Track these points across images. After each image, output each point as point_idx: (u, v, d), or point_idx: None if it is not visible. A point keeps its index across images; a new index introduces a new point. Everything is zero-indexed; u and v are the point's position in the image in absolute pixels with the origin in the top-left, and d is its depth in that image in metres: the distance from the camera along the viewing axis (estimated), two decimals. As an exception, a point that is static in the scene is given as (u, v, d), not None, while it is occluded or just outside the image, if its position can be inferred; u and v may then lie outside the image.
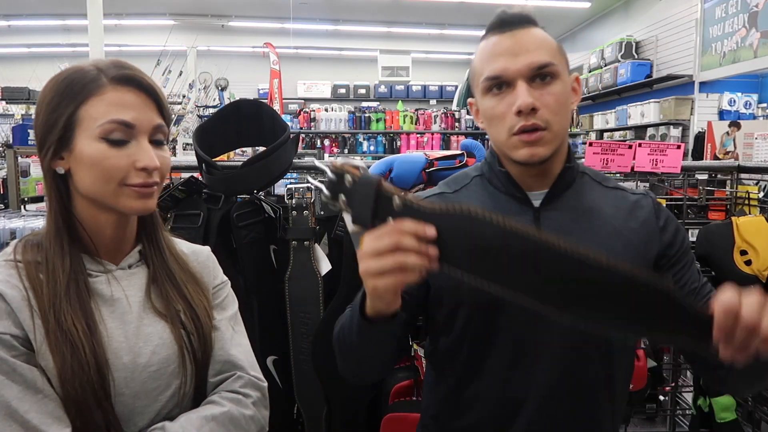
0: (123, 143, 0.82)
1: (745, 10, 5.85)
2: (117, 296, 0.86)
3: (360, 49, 10.84)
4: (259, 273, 1.64)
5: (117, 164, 0.81)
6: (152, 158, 0.83)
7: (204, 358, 0.91)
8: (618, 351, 0.97)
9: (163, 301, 0.90)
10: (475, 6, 8.72)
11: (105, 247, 0.88)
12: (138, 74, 0.85)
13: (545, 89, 0.91)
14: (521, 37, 0.92)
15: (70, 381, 0.77)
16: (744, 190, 2.07)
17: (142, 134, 0.83)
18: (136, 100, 0.83)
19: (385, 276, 0.70)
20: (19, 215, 1.99)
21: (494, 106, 0.93)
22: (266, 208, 1.68)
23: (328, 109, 9.07)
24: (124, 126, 0.82)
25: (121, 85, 0.83)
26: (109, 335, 0.83)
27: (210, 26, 9.91)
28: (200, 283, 0.96)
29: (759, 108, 6.37)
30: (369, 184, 0.73)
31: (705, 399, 1.98)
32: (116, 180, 0.82)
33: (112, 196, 0.83)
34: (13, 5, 9.00)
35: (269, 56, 8.63)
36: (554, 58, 0.92)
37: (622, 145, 1.96)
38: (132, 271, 0.90)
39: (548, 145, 0.92)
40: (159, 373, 0.86)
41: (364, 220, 0.73)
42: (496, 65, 0.92)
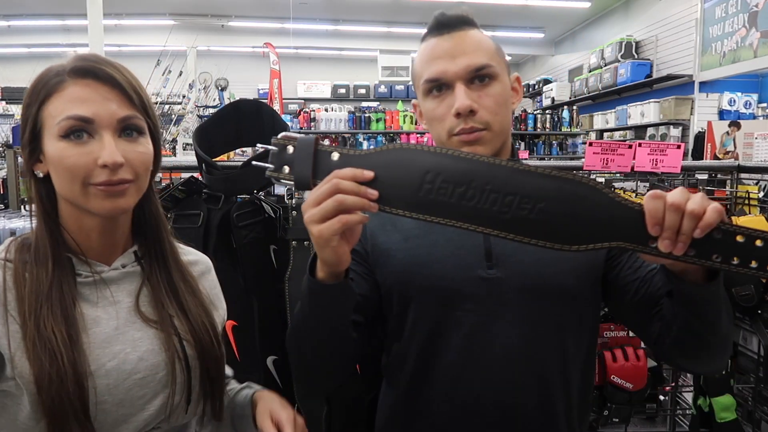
0: (82, 140, 0.77)
1: (745, 10, 5.85)
2: (105, 299, 0.82)
3: (360, 49, 10.84)
4: (259, 273, 1.64)
5: (77, 163, 0.76)
6: (113, 153, 0.76)
7: (203, 370, 0.86)
8: (572, 339, 0.96)
9: (155, 305, 0.85)
10: (475, 5, 8.71)
11: (94, 250, 0.84)
12: (98, 65, 0.79)
13: (484, 90, 0.93)
14: (459, 39, 0.93)
15: (47, 390, 0.72)
16: (744, 189, 2.07)
17: (105, 128, 0.77)
18: (96, 93, 0.78)
19: (327, 220, 0.71)
20: (19, 215, 2.00)
21: (434, 108, 0.95)
22: (266, 208, 1.68)
23: (328, 109, 9.08)
24: (81, 122, 0.76)
25: (79, 78, 0.78)
26: (92, 340, 0.78)
27: (210, 26, 9.91)
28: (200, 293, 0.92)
29: (759, 108, 6.37)
30: (308, 144, 0.74)
31: (705, 399, 1.98)
32: (79, 179, 0.77)
33: (80, 197, 0.78)
34: (13, 5, 9.00)
35: (269, 56, 8.63)
36: (492, 60, 0.93)
37: (622, 145, 1.96)
38: (126, 271, 0.86)
39: (488, 144, 0.93)
40: (146, 381, 0.81)
41: (304, 178, 0.74)
42: (435, 68, 0.93)
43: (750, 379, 2.09)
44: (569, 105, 9.12)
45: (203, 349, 0.86)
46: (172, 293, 0.87)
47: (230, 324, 1.54)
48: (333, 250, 0.74)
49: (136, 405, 0.80)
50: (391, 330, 1.01)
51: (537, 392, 0.94)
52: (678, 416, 2.26)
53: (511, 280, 0.93)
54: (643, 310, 0.94)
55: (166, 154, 5.82)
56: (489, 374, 0.92)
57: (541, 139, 8.54)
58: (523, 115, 8.45)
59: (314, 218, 0.72)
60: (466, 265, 0.93)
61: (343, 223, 0.71)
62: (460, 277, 0.93)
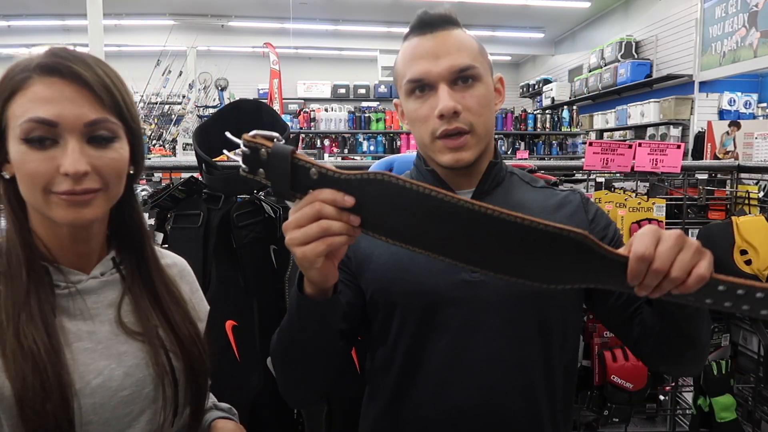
0: (45, 145, 0.70)
1: (745, 10, 5.85)
2: (86, 311, 0.76)
3: (360, 49, 10.84)
4: (259, 273, 1.64)
5: (37, 169, 0.70)
6: (75, 162, 0.69)
7: (190, 383, 0.81)
8: (556, 341, 0.96)
9: (138, 316, 0.80)
10: (475, 6, 8.72)
11: (68, 258, 0.78)
12: (64, 61, 0.72)
13: (467, 92, 0.92)
14: (442, 39, 0.92)
15: (30, 406, 0.66)
16: (744, 189, 2.07)
17: (70, 133, 0.70)
18: (63, 93, 0.71)
19: (311, 243, 0.69)
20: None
21: (417, 108, 0.94)
22: (266, 208, 1.68)
23: (328, 109, 9.07)
24: (44, 125, 0.70)
25: (46, 76, 0.71)
26: (75, 356, 0.72)
27: (210, 26, 9.91)
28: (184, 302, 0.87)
29: (759, 108, 6.37)
30: (283, 156, 0.70)
31: (705, 399, 1.98)
32: (39, 187, 0.70)
33: (42, 205, 0.72)
34: (13, 5, 9.00)
35: (269, 56, 8.63)
36: (476, 61, 0.93)
37: (622, 144, 1.96)
38: (105, 280, 0.80)
39: (473, 149, 0.93)
40: (132, 398, 0.76)
41: (284, 192, 0.72)
42: (417, 68, 0.92)
43: (750, 379, 2.09)
44: (569, 105, 9.12)
45: (192, 363, 0.82)
46: (156, 303, 0.82)
47: (230, 324, 1.54)
48: (318, 271, 0.73)
49: (122, 423, 0.75)
50: (375, 334, 1.01)
51: (522, 394, 0.94)
52: (678, 416, 2.26)
53: (494, 283, 0.92)
54: (624, 314, 0.96)
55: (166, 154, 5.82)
56: (475, 377, 0.92)
57: (541, 139, 8.54)
58: (523, 115, 8.45)
59: (297, 241, 0.70)
60: (450, 268, 0.93)
61: (327, 245, 0.69)
62: (444, 281, 0.93)
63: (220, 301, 1.53)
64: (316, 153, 5.86)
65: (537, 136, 8.52)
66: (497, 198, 0.99)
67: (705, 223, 2.02)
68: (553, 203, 1.01)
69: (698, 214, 2.12)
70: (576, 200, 1.03)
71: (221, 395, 1.52)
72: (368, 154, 8.55)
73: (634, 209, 1.89)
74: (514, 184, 1.02)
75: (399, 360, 0.96)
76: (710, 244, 2.04)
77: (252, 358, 1.57)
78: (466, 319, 0.92)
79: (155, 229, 1.59)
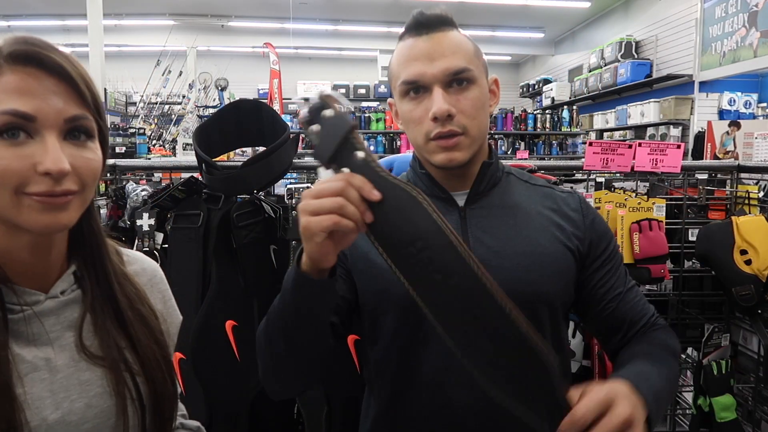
0: (19, 140, 0.62)
1: (745, 10, 5.85)
2: (43, 336, 0.67)
3: (360, 49, 10.85)
4: (259, 273, 1.64)
5: (9, 167, 0.61)
6: (57, 160, 0.62)
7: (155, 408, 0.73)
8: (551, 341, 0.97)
9: (102, 338, 0.71)
10: (475, 6, 8.72)
11: (23, 275, 0.68)
12: (43, 51, 0.64)
13: (462, 94, 0.91)
14: (438, 40, 0.92)
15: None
16: (744, 189, 2.07)
17: (49, 129, 0.63)
18: (39, 85, 0.63)
19: (319, 215, 0.70)
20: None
21: (411, 109, 0.93)
22: (266, 208, 1.68)
23: (328, 109, 9.06)
24: (20, 118, 0.62)
25: (19, 65, 0.63)
26: (30, 390, 0.64)
27: (210, 26, 9.91)
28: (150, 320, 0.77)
29: (759, 107, 6.37)
30: (342, 125, 0.72)
31: (705, 398, 1.98)
32: (10, 187, 0.62)
33: (10, 208, 0.63)
34: (13, 5, 9.01)
35: (269, 56, 8.63)
36: (471, 63, 0.92)
37: (622, 144, 1.96)
38: (64, 299, 0.71)
39: (466, 150, 0.93)
40: (96, 430, 0.68)
41: (322, 156, 0.72)
42: (412, 69, 0.91)
43: (750, 378, 2.09)
44: (569, 105, 9.12)
45: (156, 388, 0.74)
46: (118, 322, 0.73)
47: (230, 324, 1.54)
48: (318, 245, 0.73)
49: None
50: (371, 336, 1.01)
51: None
52: (678, 416, 2.26)
53: None
54: (604, 327, 1.01)
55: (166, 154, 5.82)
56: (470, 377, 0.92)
57: (541, 139, 8.54)
58: (523, 115, 8.45)
59: (308, 209, 0.71)
60: None
61: (333, 222, 0.70)
62: None
63: (220, 301, 1.53)
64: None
65: (537, 136, 8.52)
66: (494, 198, 0.98)
67: (705, 223, 2.02)
68: (551, 205, 1.01)
69: (698, 214, 2.12)
70: (575, 203, 1.02)
71: (221, 395, 1.53)
72: (368, 154, 8.55)
73: (634, 209, 1.89)
74: (511, 183, 1.02)
75: (394, 362, 0.97)
76: (710, 244, 2.04)
77: (252, 358, 1.57)
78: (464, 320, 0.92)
79: (155, 229, 1.59)
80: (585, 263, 1.00)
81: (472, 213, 0.97)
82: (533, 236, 0.96)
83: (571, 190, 1.09)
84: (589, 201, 1.89)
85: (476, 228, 0.96)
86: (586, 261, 1.00)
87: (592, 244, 1.00)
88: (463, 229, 0.96)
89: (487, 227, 0.96)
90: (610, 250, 1.01)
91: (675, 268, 2.06)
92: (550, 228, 0.97)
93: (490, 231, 0.96)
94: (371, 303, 0.97)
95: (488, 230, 0.96)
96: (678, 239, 2.04)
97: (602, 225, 1.03)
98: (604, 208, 1.91)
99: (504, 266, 0.93)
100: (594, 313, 1.01)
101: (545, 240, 0.96)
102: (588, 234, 1.00)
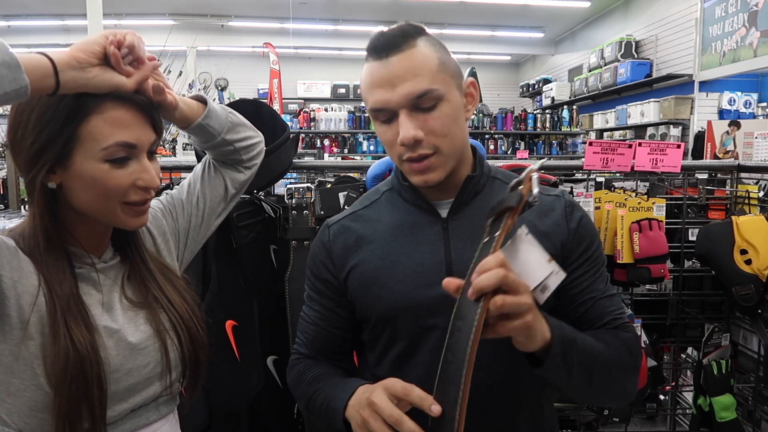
0: (125, 163, 0.83)
1: (745, 9, 5.85)
2: (99, 286, 0.88)
3: (360, 49, 10.77)
4: (259, 273, 1.64)
5: (119, 184, 0.83)
6: (154, 178, 0.86)
7: (189, 351, 0.93)
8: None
9: (139, 289, 0.92)
10: (475, 6, 8.72)
11: (88, 245, 0.89)
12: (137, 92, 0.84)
13: (429, 114, 0.90)
14: (397, 64, 0.89)
15: (68, 396, 0.77)
16: (744, 189, 2.07)
17: (142, 152, 0.85)
18: (135, 118, 0.83)
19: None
20: (19, 215, 1.99)
21: (383, 132, 0.94)
22: (266, 208, 1.68)
23: (327, 109, 9.08)
24: (128, 147, 0.82)
25: (121, 103, 0.82)
26: (95, 321, 0.83)
27: (210, 26, 9.91)
28: (179, 283, 0.98)
29: (759, 107, 6.37)
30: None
31: (705, 398, 1.98)
32: (117, 199, 0.84)
33: (110, 213, 0.85)
34: (13, 5, 9.00)
35: (269, 56, 8.63)
36: (434, 82, 0.89)
37: (622, 144, 1.96)
38: (110, 264, 0.92)
39: (439, 169, 0.93)
40: (147, 351, 0.88)
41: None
42: (376, 96, 0.91)
43: (750, 378, 2.09)
44: (569, 105, 9.12)
45: (188, 330, 0.93)
46: (153, 280, 0.94)
47: (230, 324, 1.54)
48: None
49: (142, 373, 0.86)
50: (366, 347, 1.06)
51: (509, 401, 0.96)
52: (678, 416, 2.27)
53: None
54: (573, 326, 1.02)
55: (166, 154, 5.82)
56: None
57: (541, 138, 8.54)
58: (523, 115, 8.45)
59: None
60: (428, 282, 0.94)
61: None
62: (422, 294, 0.94)
63: (220, 301, 1.53)
64: (316, 153, 5.85)
65: (537, 136, 8.52)
66: (477, 207, 0.98)
67: (705, 223, 2.02)
68: (535, 210, 1.00)
69: (698, 213, 2.12)
70: (560, 207, 1.01)
71: (221, 395, 1.53)
72: (368, 154, 8.56)
73: (634, 209, 1.89)
74: (495, 189, 1.01)
75: (386, 371, 0.98)
76: (710, 244, 2.05)
77: (252, 358, 1.57)
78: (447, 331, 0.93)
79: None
80: (564, 264, 0.98)
81: (453, 224, 0.98)
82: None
83: (560, 192, 1.06)
84: (589, 201, 1.89)
85: (457, 239, 0.97)
86: (565, 263, 0.99)
87: (572, 246, 0.99)
88: (445, 241, 0.97)
89: (468, 237, 0.95)
90: (590, 253, 1.00)
91: (675, 267, 2.06)
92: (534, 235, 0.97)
93: (471, 241, 0.94)
94: (362, 318, 1.01)
95: (469, 240, 0.95)
96: (678, 239, 2.04)
97: (587, 228, 1.02)
98: (604, 207, 1.91)
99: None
100: (564, 313, 0.99)
101: None
102: (570, 237, 0.99)
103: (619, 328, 0.99)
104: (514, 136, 8.50)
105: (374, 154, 8.47)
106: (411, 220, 1.00)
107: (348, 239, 1.02)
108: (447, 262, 0.95)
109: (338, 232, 1.04)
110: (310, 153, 5.52)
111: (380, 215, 1.03)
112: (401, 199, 1.02)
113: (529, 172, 0.78)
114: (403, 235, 0.99)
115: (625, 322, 1.01)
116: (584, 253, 1.00)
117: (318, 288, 1.05)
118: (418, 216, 0.99)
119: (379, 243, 0.99)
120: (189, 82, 8.66)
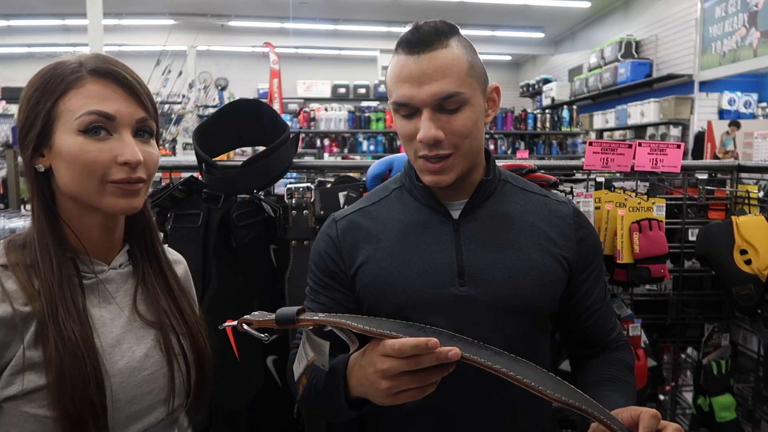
0: (102, 136, 0.78)
1: (745, 10, 5.85)
2: (108, 298, 0.84)
3: (360, 48, 10.84)
4: (259, 273, 1.64)
5: (97, 158, 0.77)
6: (135, 152, 0.78)
7: (198, 365, 0.90)
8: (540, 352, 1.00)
9: (152, 303, 0.87)
10: (475, 5, 8.72)
11: (94, 249, 0.84)
12: (120, 69, 0.81)
13: (452, 116, 0.90)
14: (428, 62, 0.89)
15: (69, 395, 0.72)
16: (744, 189, 2.07)
17: (125, 127, 0.79)
18: (117, 94, 0.79)
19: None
20: (19, 215, 1.99)
21: (402, 126, 0.94)
22: (266, 208, 1.68)
23: (327, 109, 9.07)
24: (103, 117, 0.77)
25: (100, 77, 0.79)
26: (102, 341, 0.79)
27: (210, 26, 9.91)
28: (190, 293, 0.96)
29: (759, 107, 6.37)
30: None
31: (705, 398, 1.98)
32: (97, 175, 0.77)
33: (94, 193, 0.79)
34: (13, 5, 9.00)
35: (269, 56, 8.63)
36: (462, 85, 0.89)
37: (622, 144, 1.96)
38: (122, 271, 0.87)
39: (453, 171, 0.93)
40: (153, 377, 0.84)
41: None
42: (402, 91, 0.91)
43: (750, 378, 2.09)
44: (569, 104, 9.11)
45: (198, 349, 0.90)
46: (167, 293, 0.90)
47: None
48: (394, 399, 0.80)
49: (145, 401, 0.83)
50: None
51: (511, 402, 0.96)
52: (678, 416, 2.26)
53: (482, 297, 0.94)
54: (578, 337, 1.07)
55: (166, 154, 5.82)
56: (463, 389, 0.94)
57: (541, 138, 8.54)
58: (523, 115, 8.44)
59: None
60: (439, 282, 0.95)
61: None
62: (433, 294, 0.95)
63: (220, 301, 1.53)
64: (316, 153, 5.85)
65: (537, 136, 8.51)
66: (488, 209, 0.99)
67: (705, 223, 2.02)
68: (545, 216, 1.02)
69: (698, 213, 2.12)
70: (568, 215, 1.03)
71: (221, 395, 1.52)
72: (368, 154, 8.56)
73: (634, 209, 1.89)
74: (506, 193, 1.02)
75: None
76: (710, 244, 2.04)
77: (252, 358, 1.57)
78: (456, 331, 0.93)
79: (155, 228, 1.59)
80: (573, 275, 1.01)
81: (465, 226, 0.98)
82: (525, 249, 0.97)
83: (567, 199, 1.09)
84: (589, 201, 1.89)
85: (469, 241, 0.97)
86: (574, 273, 1.01)
87: (581, 258, 1.01)
88: (456, 242, 0.97)
89: (479, 240, 0.97)
90: (595, 265, 1.04)
91: (675, 267, 2.06)
92: (542, 241, 0.99)
93: (483, 244, 0.97)
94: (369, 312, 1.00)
95: (481, 243, 0.97)
96: (678, 239, 2.04)
97: (593, 238, 1.05)
98: (604, 207, 1.91)
99: (495, 279, 0.95)
100: (570, 323, 1.04)
101: (537, 254, 0.97)
102: (579, 247, 1.01)
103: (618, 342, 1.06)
104: (514, 135, 8.49)
105: (374, 154, 8.47)
106: (422, 219, 1.00)
107: (357, 235, 1.02)
108: (458, 263, 0.96)
109: (347, 227, 1.03)
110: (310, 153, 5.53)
111: (389, 213, 1.03)
112: (412, 198, 1.02)
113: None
114: (413, 234, 0.99)
115: (619, 331, 1.07)
116: (592, 264, 1.02)
117: (323, 282, 1.04)
118: (429, 216, 1.00)
119: (388, 241, 0.99)
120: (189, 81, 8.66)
